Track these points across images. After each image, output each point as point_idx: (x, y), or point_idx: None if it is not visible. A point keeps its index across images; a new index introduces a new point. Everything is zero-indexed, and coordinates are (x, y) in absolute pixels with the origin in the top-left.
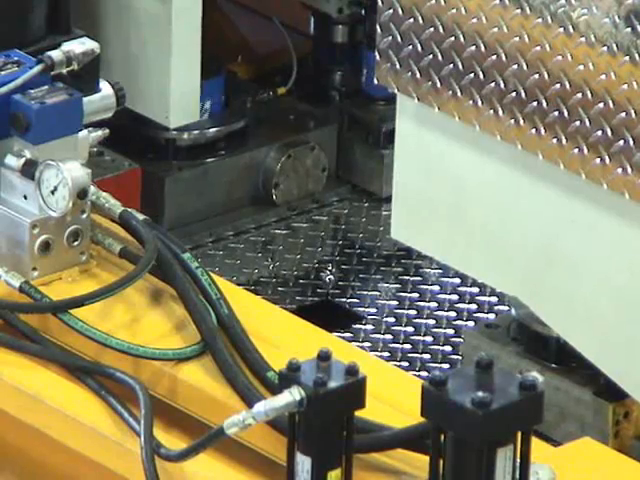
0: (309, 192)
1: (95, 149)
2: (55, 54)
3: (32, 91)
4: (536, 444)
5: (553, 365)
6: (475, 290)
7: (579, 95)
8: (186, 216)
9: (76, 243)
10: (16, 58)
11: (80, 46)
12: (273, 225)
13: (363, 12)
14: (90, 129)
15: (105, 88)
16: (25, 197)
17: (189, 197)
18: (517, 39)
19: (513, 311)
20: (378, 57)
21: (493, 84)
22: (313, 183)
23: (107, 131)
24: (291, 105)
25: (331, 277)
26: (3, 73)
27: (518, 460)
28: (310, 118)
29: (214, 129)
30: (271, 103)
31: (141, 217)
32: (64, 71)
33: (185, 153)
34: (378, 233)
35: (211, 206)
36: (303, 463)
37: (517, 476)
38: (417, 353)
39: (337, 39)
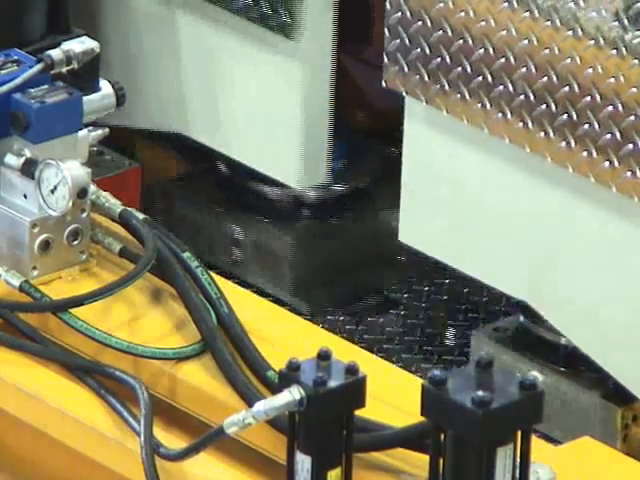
0: None
1: (95, 148)
2: (55, 53)
3: (32, 90)
4: (536, 443)
5: (561, 369)
6: None
7: (588, 98)
8: (312, 279)
9: (76, 242)
10: (16, 57)
11: (80, 45)
12: (398, 287)
13: None
14: (90, 128)
15: (105, 87)
16: (25, 196)
17: (314, 259)
18: (526, 42)
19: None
20: (386, 60)
21: (502, 87)
22: None
23: (107, 130)
24: None
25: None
26: (3, 72)
27: (518, 459)
28: None
29: (339, 187)
30: (394, 161)
31: (141, 216)
32: (64, 70)
33: (309, 212)
34: None
35: (337, 268)
36: (303, 462)
37: (517, 475)
38: None
39: None
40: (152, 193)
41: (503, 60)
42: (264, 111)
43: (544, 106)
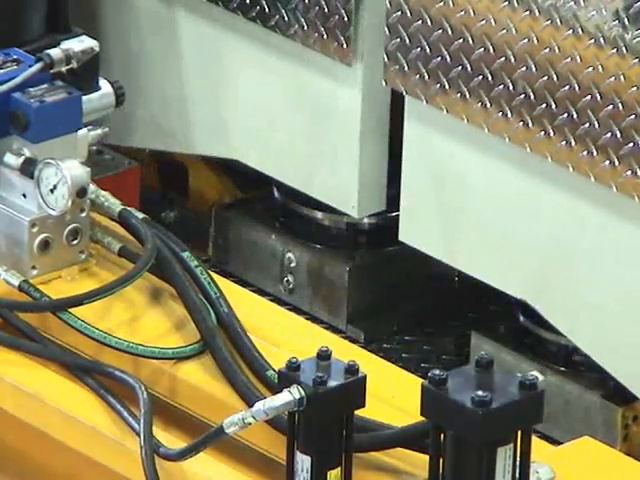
0: None
1: (95, 147)
2: (54, 52)
3: (31, 89)
4: (536, 443)
5: (562, 369)
6: None
7: (588, 97)
8: (369, 307)
9: (75, 242)
10: (15, 56)
11: (79, 44)
12: (454, 314)
13: None
14: (89, 127)
15: (104, 86)
16: (24, 195)
17: (371, 287)
18: (526, 41)
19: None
20: (386, 59)
21: (502, 86)
22: None
23: (107, 129)
24: None
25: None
26: (2, 71)
27: (518, 459)
28: None
29: (395, 213)
30: None
31: (140, 216)
32: (63, 69)
33: (365, 239)
34: None
35: (393, 296)
36: (303, 462)
37: (517, 475)
38: None
39: None
40: (206, 219)
41: (503, 59)
42: (319, 138)
43: (544, 105)
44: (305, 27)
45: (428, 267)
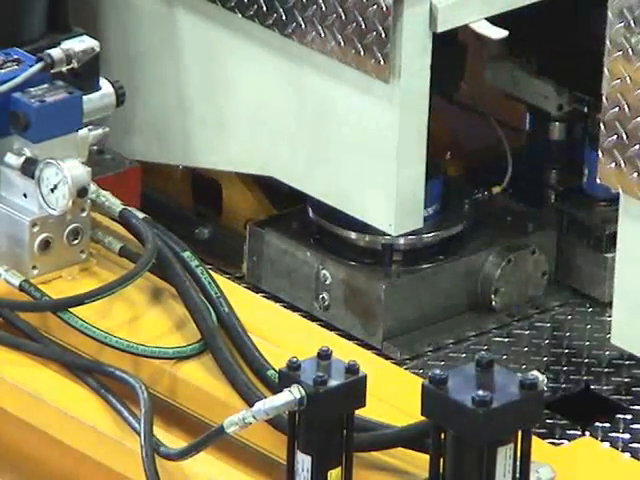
0: (529, 297)
1: (95, 147)
2: (55, 52)
3: (32, 89)
4: (536, 443)
5: None
6: None
7: None
8: (404, 324)
9: (76, 241)
10: (16, 56)
11: (80, 44)
12: (494, 332)
13: (586, 109)
14: (90, 127)
15: (105, 86)
16: (25, 195)
17: (406, 304)
18: None
19: None
20: (601, 156)
21: None
22: (533, 288)
23: (107, 129)
24: (507, 205)
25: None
26: (3, 71)
27: (518, 459)
28: (527, 219)
29: (432, 233)
30: (486, 203)
31: (141, 215)
32: (64, 69)
33: (401, 258)
34: (604, 340)
35: (429, 313)
36: (303, 462)
37: (517, 475)
38: None
39: (554, 136)
40: (240, 236)
41: None
42: (357, 155)
43: None
44: (342, 44)
45: (464, 285)
